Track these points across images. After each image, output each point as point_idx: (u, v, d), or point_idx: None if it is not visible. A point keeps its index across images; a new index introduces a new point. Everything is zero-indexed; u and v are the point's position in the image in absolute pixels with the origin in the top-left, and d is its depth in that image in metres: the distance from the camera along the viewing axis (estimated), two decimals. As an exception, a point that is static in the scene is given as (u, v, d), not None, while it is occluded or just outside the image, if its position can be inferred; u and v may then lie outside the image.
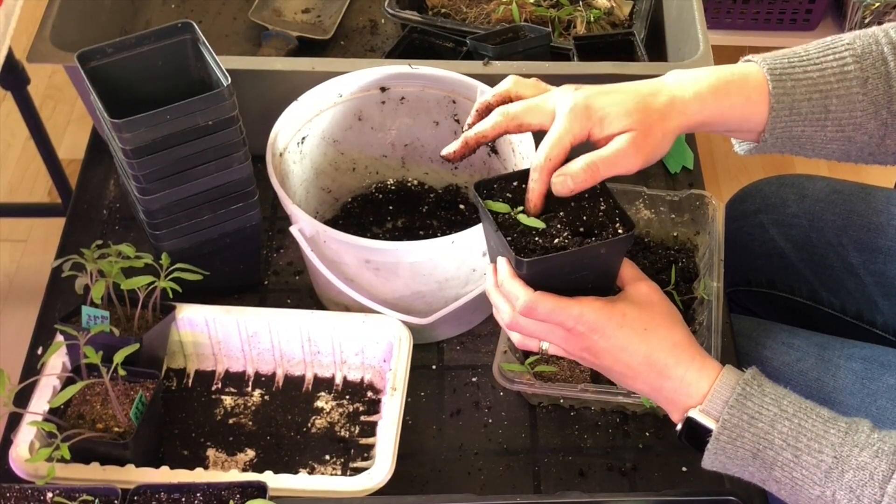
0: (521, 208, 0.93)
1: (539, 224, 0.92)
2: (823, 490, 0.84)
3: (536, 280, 0.90)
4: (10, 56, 1.78)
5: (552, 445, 1.13)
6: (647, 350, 0.90)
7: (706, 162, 1.98)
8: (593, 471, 1.11)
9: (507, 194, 0.95)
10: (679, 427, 0.91)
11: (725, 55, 2.51)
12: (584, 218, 0.93)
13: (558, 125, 0.91)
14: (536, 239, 0.91)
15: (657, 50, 1.45)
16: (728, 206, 1.42)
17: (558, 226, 0.92)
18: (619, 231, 0.91)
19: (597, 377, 1.14)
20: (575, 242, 0.90)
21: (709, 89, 0.94)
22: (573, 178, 0.90)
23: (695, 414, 0.89)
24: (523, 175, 0.95)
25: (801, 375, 1.20)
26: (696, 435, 0.90)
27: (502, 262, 0.92)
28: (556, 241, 0.90)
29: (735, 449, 0.88)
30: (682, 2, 1.38)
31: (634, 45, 1.38)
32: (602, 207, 0.93)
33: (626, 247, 0.92)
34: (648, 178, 1.39)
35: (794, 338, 1.25)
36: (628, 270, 0.95)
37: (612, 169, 0.91)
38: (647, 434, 1.14)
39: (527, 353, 1.15)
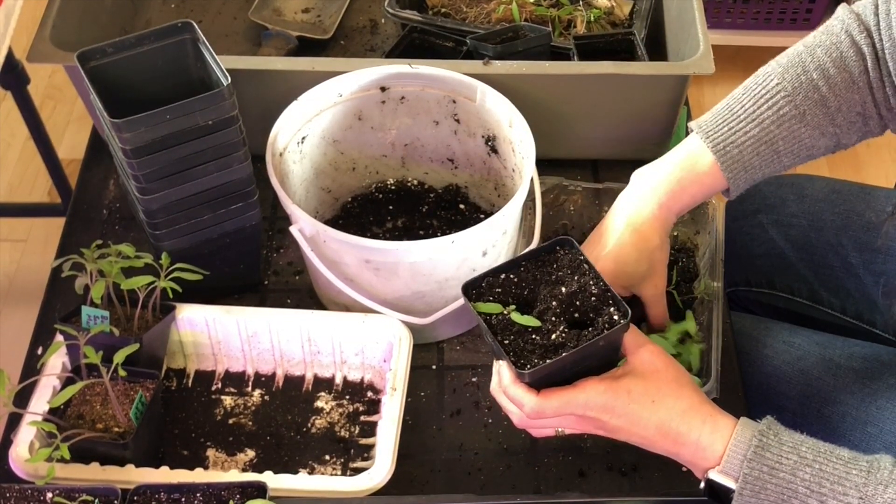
0: (513, 307, 0.93)
1: (534, 322, 0.92)
2: None
3: (539, 381, 0.91)
4: (10, 56, 1.78)
5: (552, 445, 1.13)
6: (658, 421, 0.92)
7: (706, 162, 1.98)
8: (593, 471, 1.11)
9: (497, 290, 0.95)
10: (702, 486, 0.92)
11: (725, 55, 2.52)
12: (578, 304, 0.93)
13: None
14: (534, 337, 0.91)
15: (657, 49, 1.45)
16: (728, 206, 1.42)
17: (553, 319, 0.92)
18: (615, 317, 0.91)
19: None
20: (572, 336, 0.91)
21: (666, 196, 1.06)
22: None
23: (714, 475, 0.90)
24: (509, 266, 0.96)
25: (802, 374, 1.20)
26: (719, 494, 0.90)
27: (503, 366, 0.93)
28: (553, 336, 0.91)
29: (759, 502, 0.88)
30: (682, 2, 1.38)
31: (634, 44, 1.38)
32: (594, 290, 0.93)
33: (623, 332, 0.92)
34: (648, 178, 1.39)
35: (794, 336, 1.25)
36: (630, 338, 0.95)
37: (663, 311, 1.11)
38: (648, 434, 1.14)
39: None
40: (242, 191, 1.14)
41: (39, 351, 1.18)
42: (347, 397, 1.16)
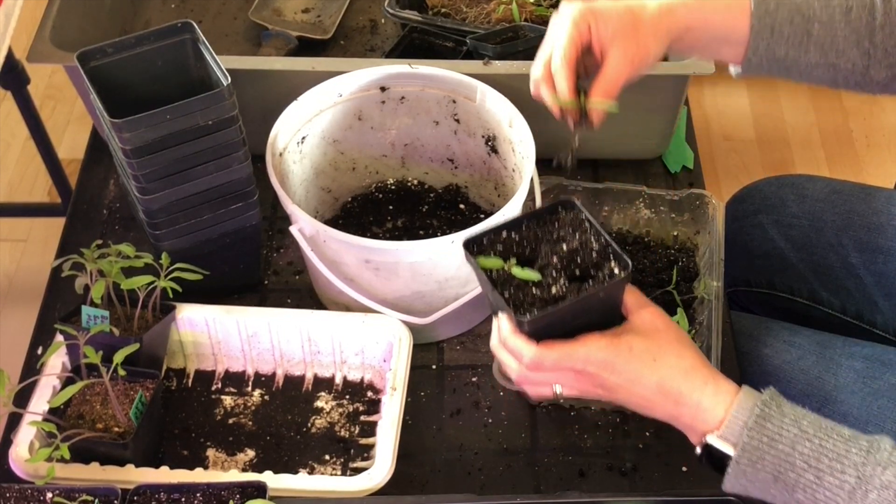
0: (514, 261, 0.93)
1: (534, 276, 0.92)
2: None
3: (539, 332, 0.90)
4: (10, 56, 1.78)
5: (552, 445, 1.13)
6: (658, 379, 0.90)
7: (706, 162, 1.98)
8: (593, 471, 1.11)
9: (498, 246, 0.94)
10: (699, 451, 0.91)
11: (725, 55, 2.49)
12: (579, 260, 0.92)
13: (565, 27, 1.00)
14: (534, 290, 0.91)
15: (657, 50, 1.45)
16: (728, 206, 1.42)
17: (553, 273, 0.92)
18: (616, 270, 0.91)
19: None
20: (572, 289, 0.90)
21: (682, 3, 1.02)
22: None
23: (713, 440, 0.89)
24: (511, 224, 0.95)
25: (802, 374, 1.20)
26: (716, 459, 0.89)
27: (503, 318, 0.92)
28: (554, 290, 0.90)
29: (756, 472, 0.87)
30: (683, 1, 1.38)
31: (634, 44, 1.38)
32: (595, 247, 0.93)
33: (624, 287, 0.92)
34: (648, 178, 1.39)
35: (795, 336, 1.25)
36: (631, 298, 0.94)
37: (620, 80, 1.02)
38: (647, 434, 1.14)
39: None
40: (242, 191, 1.14)
41: (39, 351, 1.18)
42: (347, 397, 1.16)
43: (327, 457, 1.11)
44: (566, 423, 1.15)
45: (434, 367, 1.20)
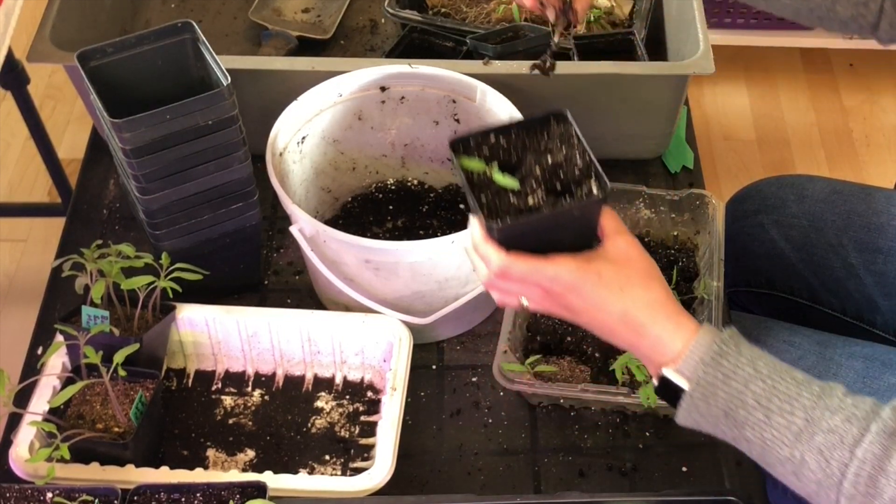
0: (496, 166, 0.91)
1: (513, 184, 0.90)
2: (793, 451, 0.84)
3: (510, 242, 0.88)
4: (10, 56, 1.78)
5: (552, 445, 1.13)
6: (622, 309, 0.89)
7: (706, 161, 1.98)
8: (593, 471, 1.11)
9: (484, 149, 0.92)
10: (654, 382, 0.90)
11: (725, 55, 2.52)
12: (561, 175, 0.90)
13: None
14: (511, 198, 0.89)
15: (657, 49, 1.45)
16: (728, 206, 1.42)
17: (533, 184, 0.90)
18: (595, 190, 0.89)
19: (597, 377, 1.14)
20: (549, 203, 0.88)
21: None
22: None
23: (668, 373, 0.88)
24: (500, 129, 0.93)
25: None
26: (671, 392, 0.89)
27: (475, 222, 0.91)
28: (531, 200, 0.88)
29: (708, 407, 0.87)
30: (682, 1, 1.38)
31: (634, 44, 1.38)
32: (579, 163, 0.91)
33: (600, 207, 0.90)
34: (648, 178, 1.39)
35: (795, 336, 1.25)
36: (609, 222, 0.93)
37: None
38: (647, 434, 1.14)
39: (527, 354, 1.15)
40: (242, 191, 1.14)
41: (39, 351, 1.18)
42: (347, 397, 1.16)
43: (327, 457, 1.11)
44: (566, 423, 1.15)
45: (434, 367, 1.20)
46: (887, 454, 0.80)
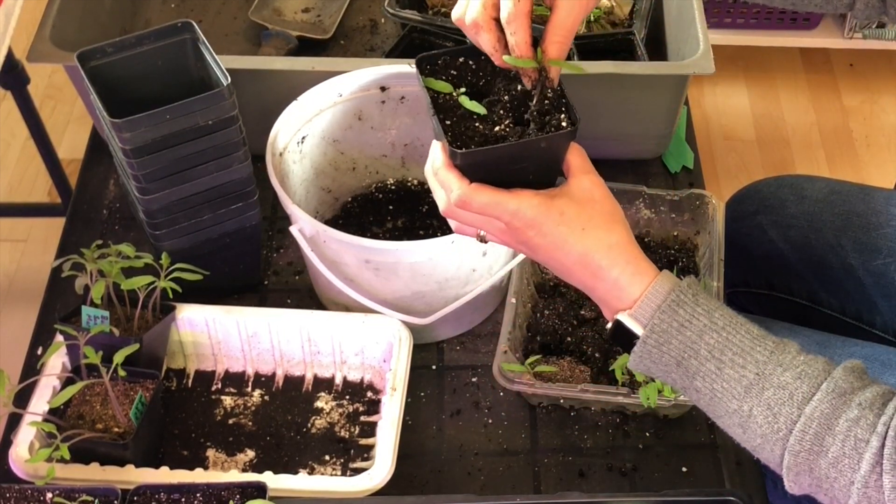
0: (463, 89, 0.89)
1: (480, 109, 0.88)
2: (741, 405, 0.84)
3: (473, 171, 0.86)
4: (10, 56, 1.78)
5: (552, 445, 1.13)
6: (582, 249, 0.88)
7: (706, 161, 1.98)
8: (593, 471, 1.11)
9: (452, 72, 0.90)
10: (609, 326, 0.90)
11: (725, 55, 2.52)
12: (530, 104, 0.88)
13: None
14: (477, 125, 0.87)
15: (657, 49, 1.45)
16: (728, 206, 1.42)
17: (501, 112, 0.88)
18: (563, 123, 0.87)
19: (597, 377, 1.14)
20: (516, 132, 0.87)
21: None
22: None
23: (623, 318, 0.87)
24: (469, 51, 0.91)
25: (802, 375, 1.20)
26: (625, 337, 0.88)
27: (438, 147, 0.89)
28: (497, 129, 0.87)
29: (661, 354, 0.86)
30: (682, 1, 1.38)
31: (634, 44, 1.38)
32: (549, 95, 0.89)
33: (568, 142, 0.88)
34: (648, 178, 1.39)
35: (794, 336, 1.24)
36: (575, 160, 0.91)
37: (575, 25, 0.94)
38: (647, 434, 1.14)
39: (527, 354, 1.15)
40: (242, 191, 1.14)
41: (39, 351, 1.18)
42: (347, 397, 1.16)
43: (327, 457, 1.11)
44: (566, 424, 1.15)
45: (434, 367, 1.20)
46: (836, 413, 0.80)
